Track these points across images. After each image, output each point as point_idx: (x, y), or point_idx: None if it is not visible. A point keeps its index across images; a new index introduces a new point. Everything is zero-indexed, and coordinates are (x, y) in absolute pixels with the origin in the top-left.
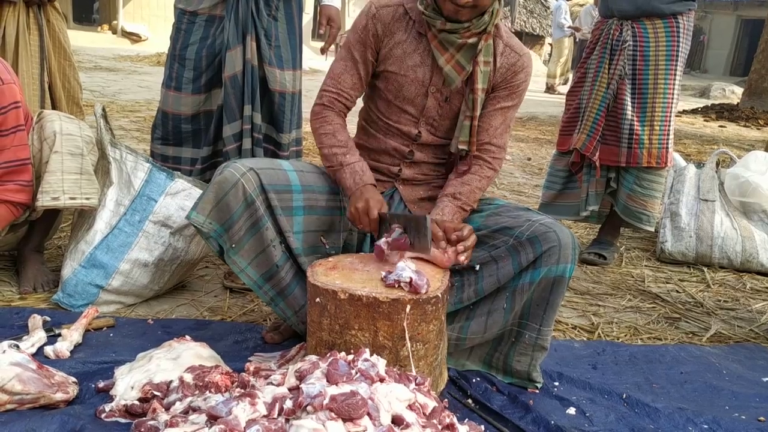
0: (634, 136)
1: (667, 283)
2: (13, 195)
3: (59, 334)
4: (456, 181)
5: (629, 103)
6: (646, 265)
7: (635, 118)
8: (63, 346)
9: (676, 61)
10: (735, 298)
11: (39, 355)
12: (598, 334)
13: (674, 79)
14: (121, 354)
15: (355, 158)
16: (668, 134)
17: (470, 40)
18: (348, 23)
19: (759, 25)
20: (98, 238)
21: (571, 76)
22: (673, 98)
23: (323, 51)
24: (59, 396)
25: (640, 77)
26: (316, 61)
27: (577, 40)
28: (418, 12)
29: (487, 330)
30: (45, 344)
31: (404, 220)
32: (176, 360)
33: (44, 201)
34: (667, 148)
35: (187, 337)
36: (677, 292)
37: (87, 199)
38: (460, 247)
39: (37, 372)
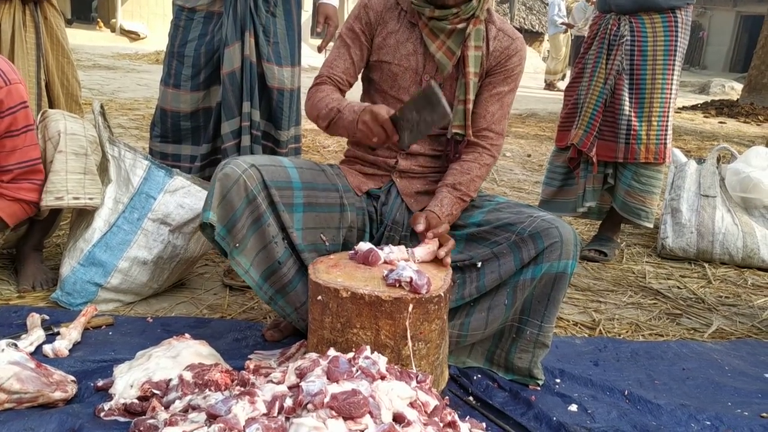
0: (632, 132)
1: (668, 279)
2: (27, 194)
3: (58, 333)
4: (456, 170)
5: (627, 99)
6: (647, 262)
7: (633, 114)
8: (62, 345)
9: (675, 55)
10: (736, 294)
11: (37, 353)
12: (600, 330)
13: (672, 74)
14: (120, 352)
15: (349, 101)
16: (666, 130)
17: (459, 26)
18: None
19: (758, 21)
20: (97, 236)
21: (569, 72)
22: (671, 93)
23: (320, 49)
24: (58, 395)
25: (637, 72)
26: (315, 59)
27: (572, 36)
28: (407, 2)
29: (487, 326)
30: (43, 343)
31: (412, 103)
32: (176, 358)
33: (48, 201)
34: (665, 143)
35: (187, 335)
36: (678, 288)
37: (90, 199)
38: (442, 252)
39: (35, 371)
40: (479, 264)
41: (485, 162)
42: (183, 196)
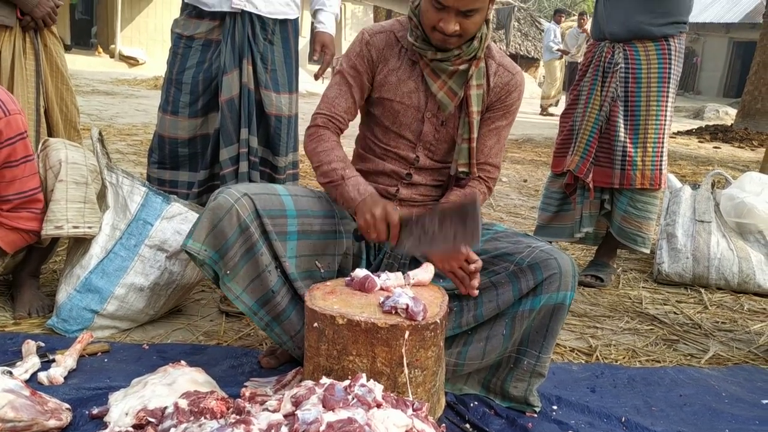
0: (627, 158)
1: (665, 304)
2: (26, 223)
3: (53, 360)
4: (460, 194)
5: (622, 125)
6: (643, 287)
7: (628, 140)
8: (57, 372)
9: (668, 83)
10: (733, 319)
11: (32, 381)
12: (596, 356)
13: (666, 101)
14: (115, 380)
15: (355, 173)
16: (661, 156)
17: (461, 67)
18: (344, 46)
19: (751, 48)
20: (93, 263)
21: (563, 97)
22: (665, 120)
23: (317, 77)
24: (52, 423)
25: (632, 99)
26: (313, 84)
27: (566, 62)
28: (408, 42)
29: (485, 356)
30: (39, 370)
31: (440, 213)
32: (171, 385)
33: (48, 230)
34: (661, 169)
35: (183, 362)
36: (675, 313)
37: (89, 228)
38: (475, 282)
39: (30, 399)
40: (477, 292)
41: (483, 191)
42: (180, 223)
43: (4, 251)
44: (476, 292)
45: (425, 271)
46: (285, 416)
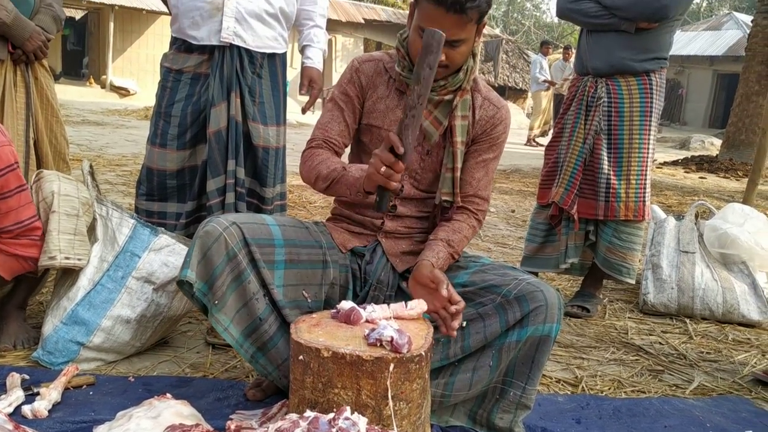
0: (611, 190)
1: (650, 335)
2: (26, 249)
3: (38, 393)
4: (448, 228)
5: (605, 158)
6: (629, 317)
7: (611, 172)
8: (41, 406)
9: (650, 116)
10: (717, 349)
11: (16, 414)
12: (582, 387)
13: (649, 135)
14: (100, 413)
15: (354, 165)
16: (644, 188)
17: (446, 97)
18: (334, 78)
19: (734, 80)
20: (80, 295)
21: (550, 128)
22: (648, 153)
23: (304, 111)
24: None
25: (615, 133)
26: (302, 115)
27: (553, 93)
28: (397, 71)
29: (472, 386)
30: (23, 403)
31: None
32: (156, 419)
33: (42, 261)
34: (644, 201)
35: (168, 395)
36: (660, 344)
37: (79, 260)
38: (455, 323)
39: None
40: (464, 324)
41: (472, 225)
42: (168, 255)
43: (2, 278)
44: (455, 333)
45: (413, 307)
46: None
